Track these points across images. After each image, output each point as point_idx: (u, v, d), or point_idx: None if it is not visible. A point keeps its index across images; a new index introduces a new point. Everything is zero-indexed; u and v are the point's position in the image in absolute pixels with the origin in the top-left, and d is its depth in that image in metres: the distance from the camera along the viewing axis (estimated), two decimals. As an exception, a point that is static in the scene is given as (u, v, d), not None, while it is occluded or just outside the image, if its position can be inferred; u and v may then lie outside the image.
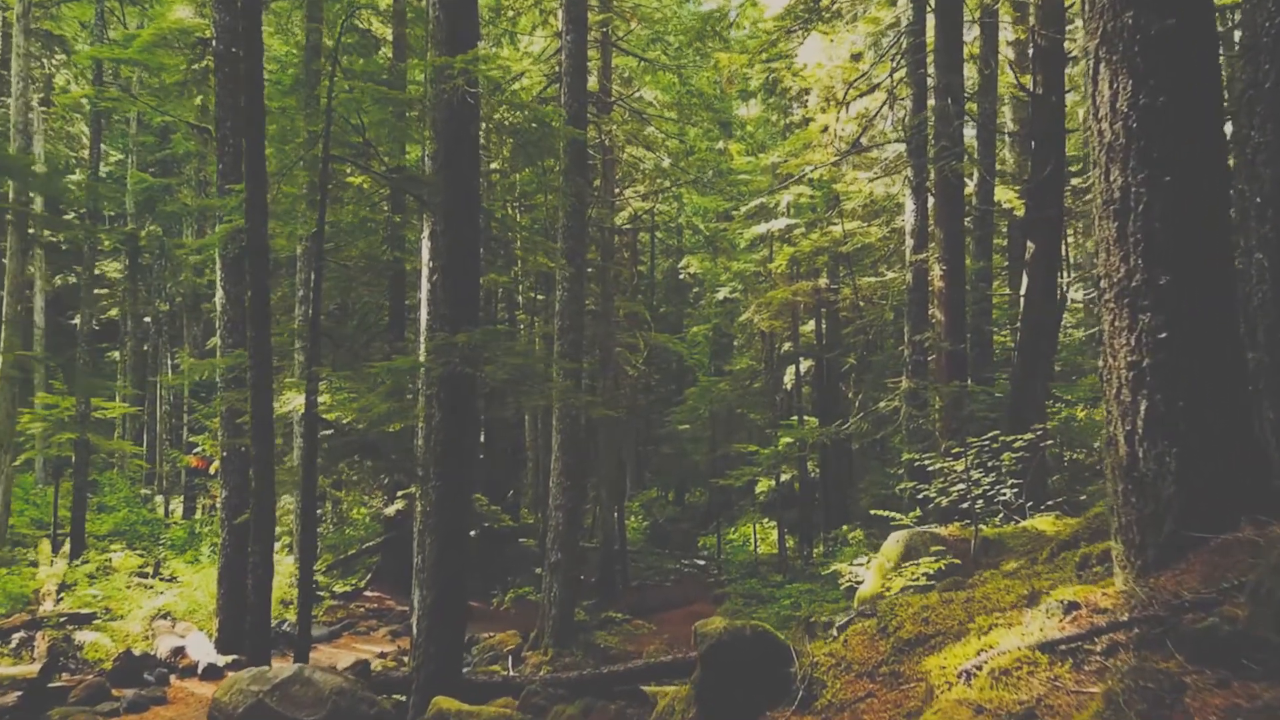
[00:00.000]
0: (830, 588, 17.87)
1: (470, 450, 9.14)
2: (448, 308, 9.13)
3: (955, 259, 14.59)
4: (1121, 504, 4.42)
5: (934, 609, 5.68)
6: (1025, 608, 4.85)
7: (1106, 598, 4.20)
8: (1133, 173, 4.37)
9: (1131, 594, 4.06)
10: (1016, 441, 10.79)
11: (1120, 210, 4.42)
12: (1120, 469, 4.42)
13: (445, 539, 9.01)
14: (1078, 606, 4.24)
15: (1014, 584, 5.70)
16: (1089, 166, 23.40)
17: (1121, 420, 4.41)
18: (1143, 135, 4.34)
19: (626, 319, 28.12)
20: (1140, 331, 4.32)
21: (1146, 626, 3.74)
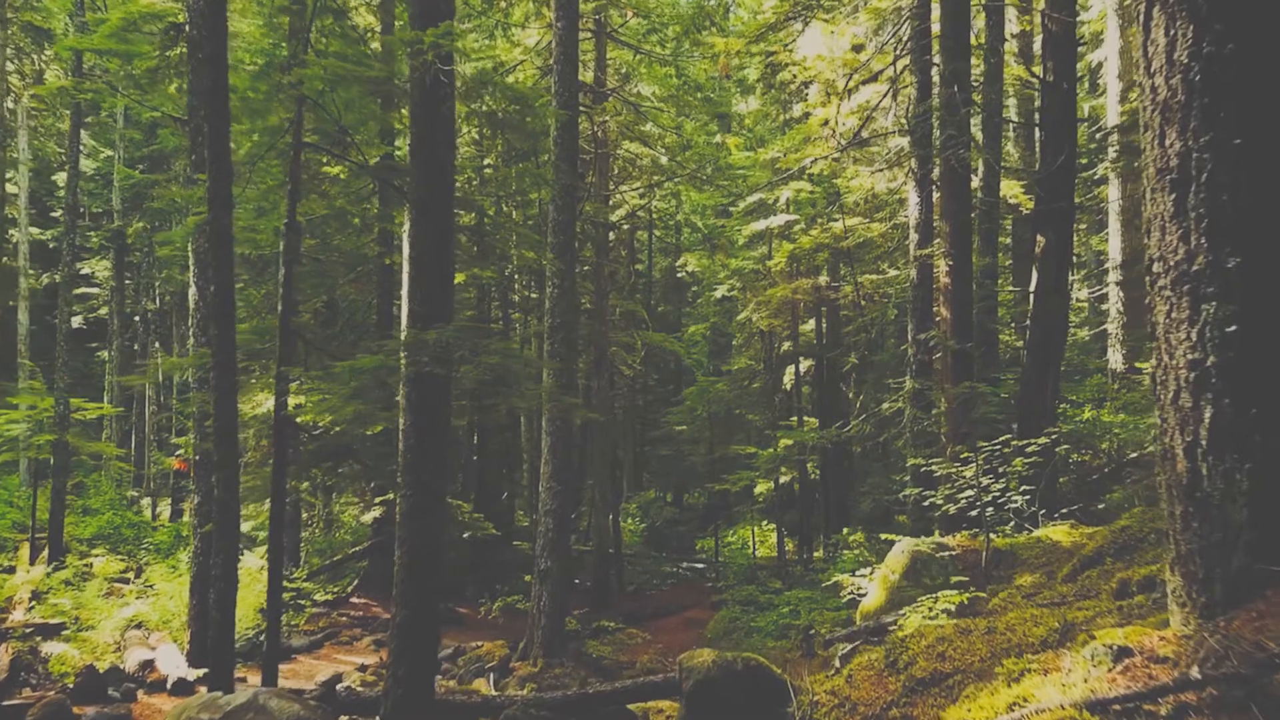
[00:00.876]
0: (830, 595, 17.15)
1: (445, 457, 8.41)
2: (419, 303, 8.41)
3: (962, 253, 13.86)
4: (1180, 529, 3.69)
5: (951, 641, 4.95)
6: (1061, 647, 4.12)
7: (1165, 643, 3.47)
8: (1194, 135, 3.64)
9: (1199, 641, 3.33)
10: (1030, 446, 10.07)
11: (1178, 180, 3.69)
12: (1179, 488, 3.69)
13: (416, 552, 8.29)
14: (1130, 653, 3.51)
15: (1042, 614, 4.97)
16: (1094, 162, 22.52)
17: (1180, 430, 3.68)
18: (1206, 90, 3.61)
19: (623, 318, 27.41)
20: (1204, 324, 3.59)
21: (1225, 686, 3.01)
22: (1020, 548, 9.98)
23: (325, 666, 14.31)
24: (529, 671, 14.77)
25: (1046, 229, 13.58)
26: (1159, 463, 3.89)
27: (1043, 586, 7.80)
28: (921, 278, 14.67)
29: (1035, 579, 8.88)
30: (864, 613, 10.49)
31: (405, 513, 8.41)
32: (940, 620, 4.66)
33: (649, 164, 23.21)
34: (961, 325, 13.78)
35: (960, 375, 13.50)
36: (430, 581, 8.39)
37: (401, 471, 8.49)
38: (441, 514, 8.44)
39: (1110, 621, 4.20)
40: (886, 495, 18.47)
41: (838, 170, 21.55)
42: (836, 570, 18.23)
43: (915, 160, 14.84)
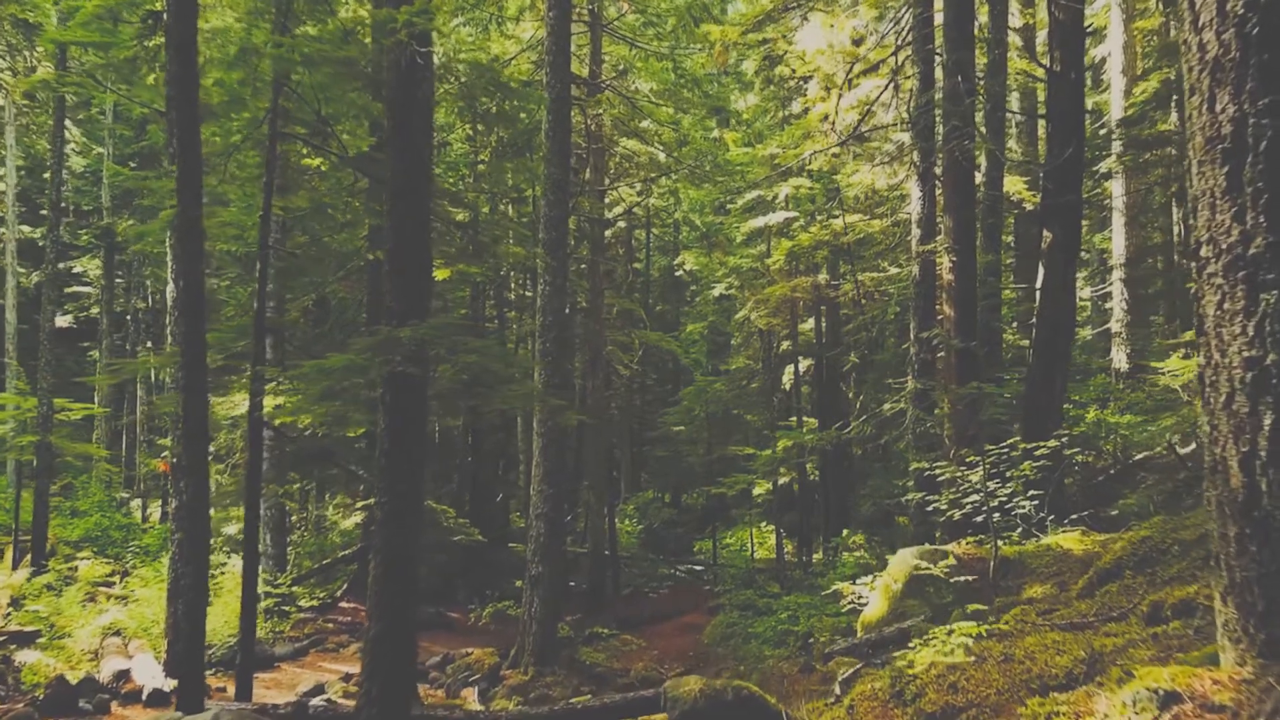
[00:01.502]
0: (830, 601, 16.63)
1: (421, 460, 7.90)
2: (394, 298, 7.89)
3: (966, 249, 13.34)
4: (1234, 553, 3.18)
5: (963, 671, 4.43)
6: (1091, 683, 3.61)
7: (1220, 688, 2.96)
8: (1250, 98, 3.13)
9: (1264, 688, 2.82)
10: (1039, 449, 9.55)
11: (1231, 150, 3.18)
12: (1232, 506, 3.17)
13: (391, 561, 7.78)
14: (1179, 699, 3.00)
15: (1064, 640, 4.46)
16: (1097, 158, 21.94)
17: (1234, 439, 3.16)
18: (1265, 45, 3.10)
19: (619, 317, 26.89)
20: (1262, 316, 3.07)
21: (1302, 749, 2.50)
22: (1029, 556, 9.46)
23: (308, 675, 13.80)
24: (519, 680, 14.25)
25: (1053, 223, 13.06)
26: (1208, 476, 3.38)
27: (1056, 601, 7.28)
28: (924, 274, 14.15)
29: (1046, 590, 8.37)
30: (865, 623, 9.98)
31: (379, 520, 7.90)
32: (957, 656, 4.13)
33: (646, 161, 22.70)
34: (966, 323, 13.27)
35: (965, 375, 12.98)
36: (406, 592, 7.88)
37: (376, 476, 7.98)
38: (418, 521, 7.93)
39: (1146, 654, 3.69)
40: (888, 499, 17.93)
41: (837, 166, 21.05)
42: (836, 575, 17.71)
43: (917, 153, 14.32)
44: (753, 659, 16.00)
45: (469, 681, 13.84)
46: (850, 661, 8.33)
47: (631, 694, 9.34)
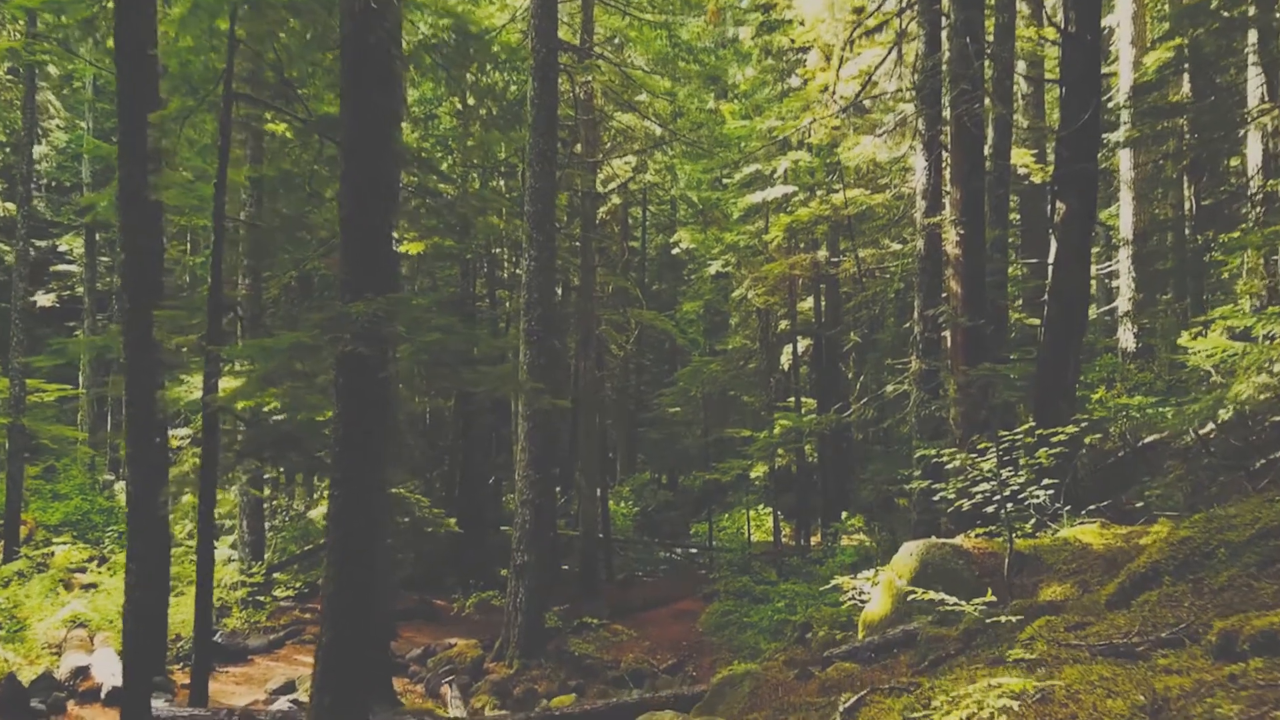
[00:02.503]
0: (829, 589, 15.87)
1: (380, 449, 7.09)
2: (347, 270, 7.05)
3: (974, 221, 12.48)
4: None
5: (991, 713, 3.62)
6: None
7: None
8: None
9: None
10: (1056, 435, 8.73)
11: None
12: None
13: (346, 561, 6.98)
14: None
15: (1114, 676, 3.64)
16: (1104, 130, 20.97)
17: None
18: None
19: (614, 296, 26.03)
20: None
21: None
22: (1045, 551, 8.66)
23: (282, 670, 13.06)
24: (504, 675, 13.53)
25: (1068, 194, 12.17)
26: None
27: (1082, 608, 6.47)
28: (929, 249, 13.29)
29: (1067, 591, 7.57)
30: (867, 622, 9.18)
31: (332, 515, 7.10)
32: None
33: (641, 134, 21.77)
34: (973, 300, 12.42)
35: (972, 355, 12.15)
36: (363, 595, 7.08)
37: (331, 466, 7.18)
38: (377, 516, 7.13)
39: (1232, 710, 2.87)
40: (889, 484, 17.14)
41: (838, 139, 20.12)
42: (835, 563, 16.95)
43: (923, 121, 13.42)
44: (748, 650, 15.25)
45: (451, 676, 13.08)
46: (851, 669, 7.54)
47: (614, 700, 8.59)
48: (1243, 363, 8.73)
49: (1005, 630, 6.91)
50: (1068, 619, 5.59)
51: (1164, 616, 4.88)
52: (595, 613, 17.35)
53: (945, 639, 7.36)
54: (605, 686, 13.74)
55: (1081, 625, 5.27)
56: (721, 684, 7.93)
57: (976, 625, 7.20)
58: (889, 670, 7.51)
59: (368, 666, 7.24)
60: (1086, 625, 5.24)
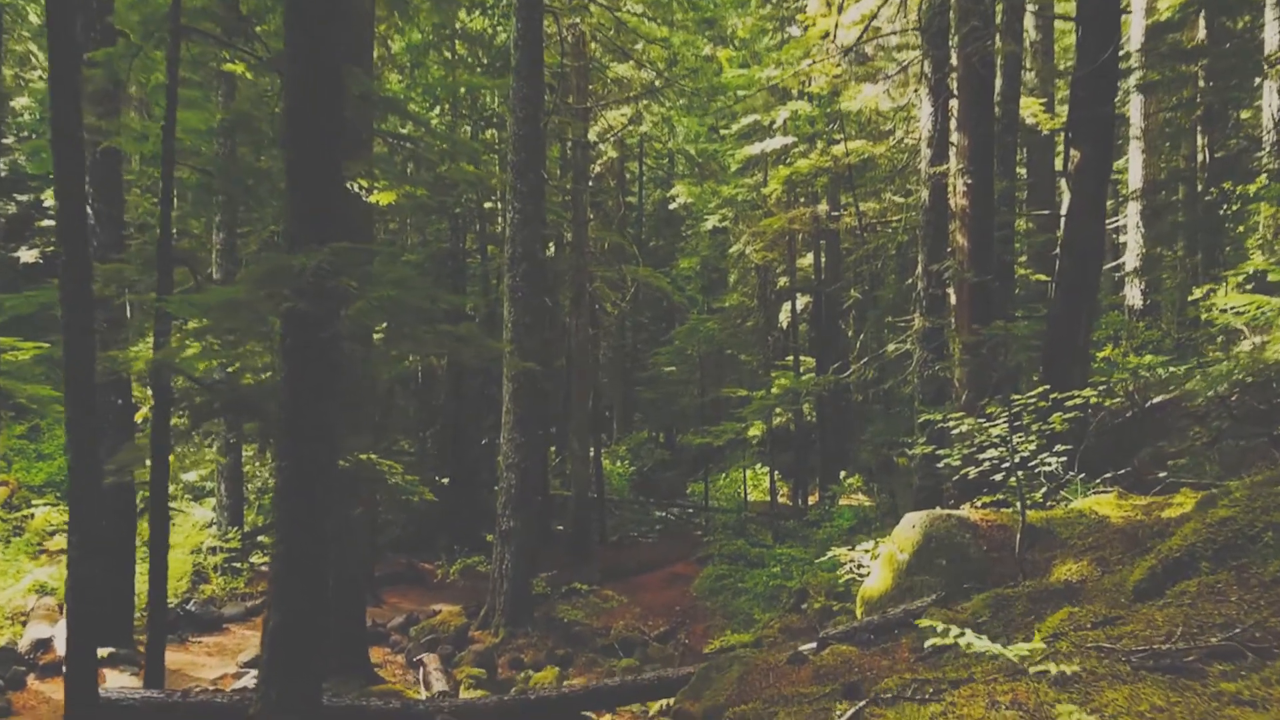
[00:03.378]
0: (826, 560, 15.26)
1: (334, 417, 6.37)
2: (295, 220, 6.29)
3: (982, 170, 11.67)
4: None
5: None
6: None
7: None
8: None
9: None
10: (1071, 399, 8.02)
11: None
12: None
13: (295, 541, 6.29)
14: None
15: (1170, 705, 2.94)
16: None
17: None
18: None
19: (610, 252, 25.19)
20: None
21: None
22: (1058, 523, 7.97)
23: (257, 639, 12.40)
24: (489, 643, 12.95)
25: (1083, 140, 11.34)
26: None
27: (1108, 596, 5.78)
28: (934, 200, 12.49)
29: (1084, 570, 6.89)
30: (866, 598, 8.53)
31: (280, 489, 6.40)
32: None
33: (637, 86, 20.81)
34: (981, 254, 11.66)
35: (979, 312, 11.41)
36: (315, 576, 6.41)
37: (278, 435, 6.48)
38: (329, 491, 6.43)
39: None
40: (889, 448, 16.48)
41: (839, 87, 19.19)
42: (832, 526, 16.33)
43: (929, 62, 12.55)
44: (742, 616, 14.69)
45: (435, 645, 12.49)
46: (848, 653, 6.88)
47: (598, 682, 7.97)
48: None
49: (1019, 616, 6.24)
50: (1093, 611, 4.90)
51: (1209, 614, 4.18)
52: (586, 577, 16.78)
53: (951, 622, 6.67)
54: (594, 655, 13.18)
55: (1111, 621, 4.57)
56: (708, 668, 7.28)
57: (986, 610, 6.53)
58: (889, 656, 6.85)
59: (319, 655, 6.57)
60: (1117, 621, 4.54)
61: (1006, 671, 4.77)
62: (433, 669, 11.36)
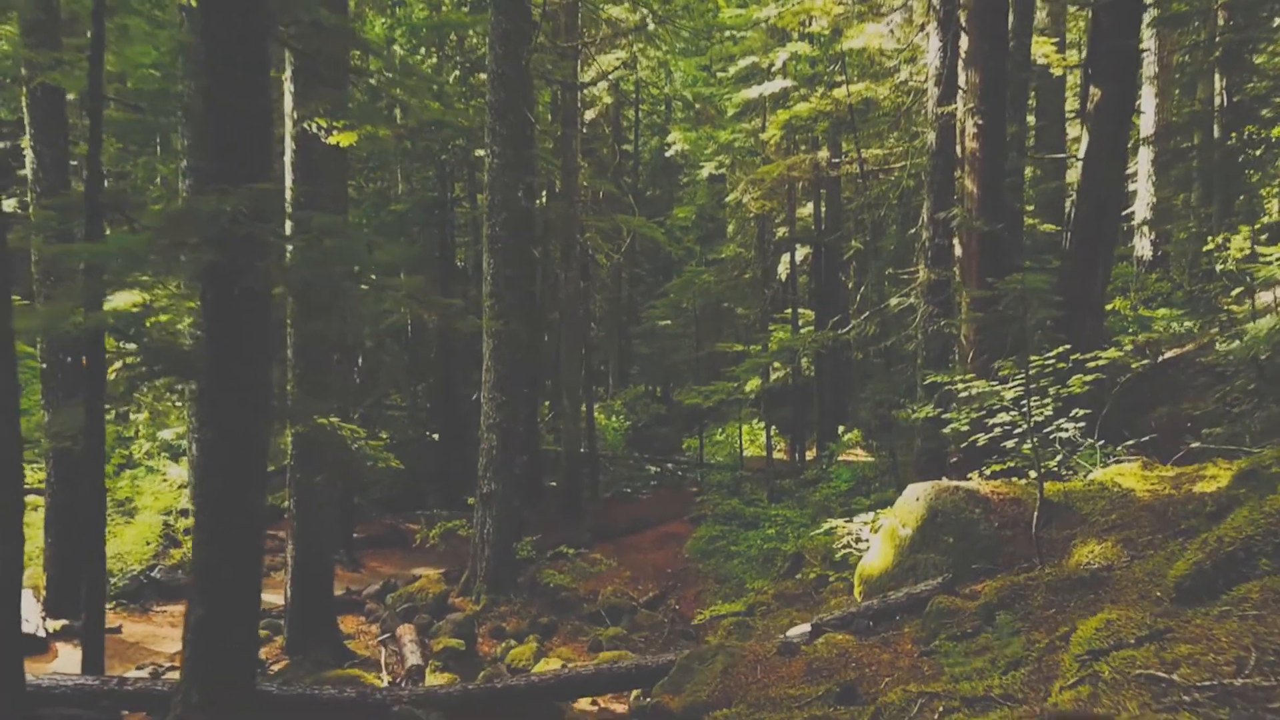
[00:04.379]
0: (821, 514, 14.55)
1: (263, 384, 5.55)
2: (209, 156, 5.42)
3: (994, 109, 10.70)
4: None
5: None
6: None
7: None
8: None
9: None
10: (1094, 359, 7.18)
11: None
12: None
13: (219, 522, 5.51)
14: None
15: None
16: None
17: None
18: None
19: (606, 201, 24.19)
20: None
21: None
22: (1077, 497, 7.18)
23: (226, 609, 11.77)
24: (470, 611, 12.27)
25: (1104, 77, 10.38)
26: None
27: (1142, 590, 5.00)
28: (941, 143, 11.53)
29: (1109, 553, 6.09)
30: (865, 576, 7.77)
31: (201, 464, 5.62)
32: None
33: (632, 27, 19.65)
34: (991, 201, 10.74)
35: (989, 264, 10.53)
36: (243, 565, 5.64)
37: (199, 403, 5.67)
38: (257, 467, 5.63)
39: None
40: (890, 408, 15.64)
41: (840, 26, 18.06)
42: (829, 488, 15.59)
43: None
44: (735, 581, 14.00)
45: (412, 614, 11.81)
46: (844, 644, 6.13)
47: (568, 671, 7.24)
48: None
49: (1038, 609, 5.46)
50: (1135, 619, 4.09)
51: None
52: (575, 537, 16.08)
53: (959, 613, 5.91)
54: (579, 623, 12.51)
55: (1159, 635, 3.77)
56: (690, 657, 6.54)
57: (1000, 600, 5.75)
58: (890, 648, 6.09)
59: (250, 650, 5.82)
60: (1167, 635, 3.74)
61: (1032, 686, 3.99)
62: (407, 641, 10.67)
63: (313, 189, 9.92)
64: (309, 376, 9.42)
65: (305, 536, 9.87)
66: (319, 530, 9.99)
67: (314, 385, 9.38)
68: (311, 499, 9.88)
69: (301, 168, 9.66)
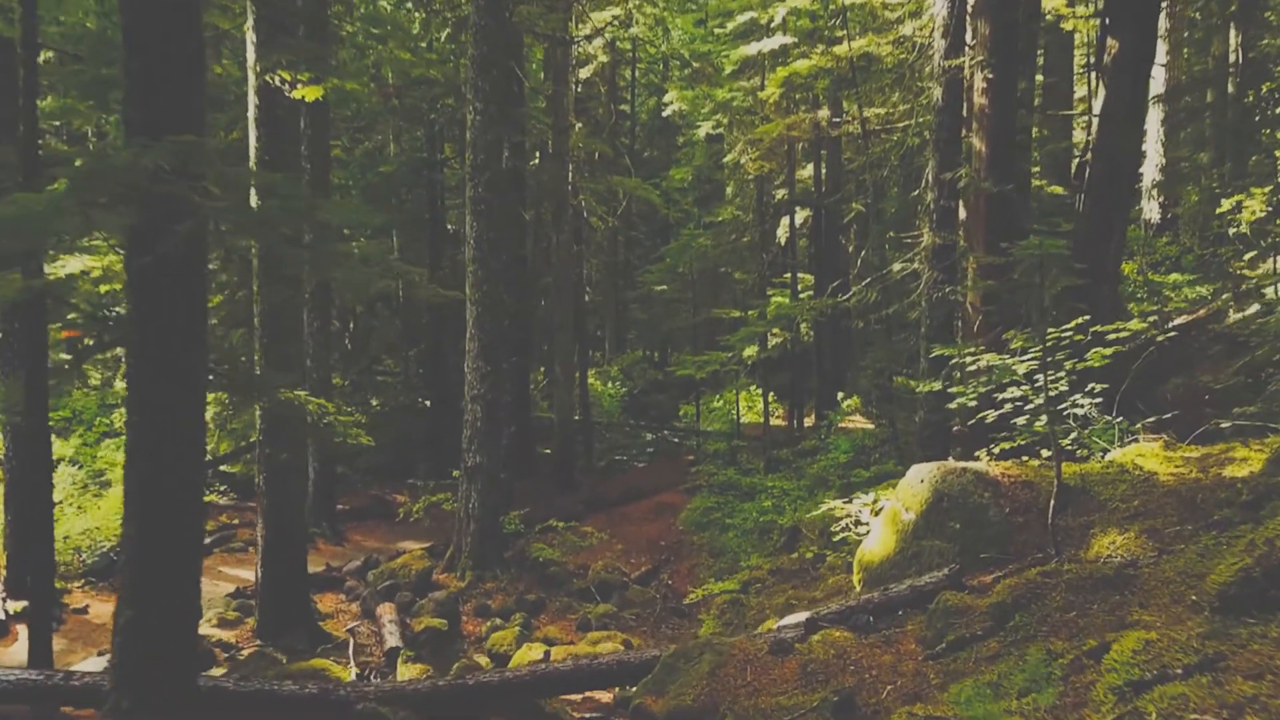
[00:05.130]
0: (819, 487, 14.02)
1: (196, 356, 4.95)
2: (136, 105, 4.77)
3: (1005, 62, 9.98)
4: None
5: None
6: None
7: None
8: None
9: None
10: (1116, 331, 6.57)
11: None
12: None
13: (150, 514, 4.94)
14: None
15: None
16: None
17: None
18: None
19: (602, 162, 23.43)
20: None
21: None
22: (1094, 480, 6.59)
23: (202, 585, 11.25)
24: (455, 588, 11.77)
25: (1122, 25, 9.66)
26: None
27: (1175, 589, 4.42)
28: (948, 99, 10.80)
29: (1132, 545, 5.52)
30: (864, 563, 7.21)
31: (129, 449, 5.02)
32: None
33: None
34: (1000, 160, 10.07)
35: (997, 227, 9.88)
36: (176, 563, 5.07)
37: (127, 380, 5.09)
38: (188, 452, 5.04)
39: None
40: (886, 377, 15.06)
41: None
42: (828, 459, 15.04)
43: (947, -63, 10.73)
44: (730, 555, 13.49)
45: (393, 592, 11.30)
46: (842, 642, 5.58)
47: (545, 666, 6.71)
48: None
49: (1057, 612, 4.88)
50: (1175, 639, 3.52)
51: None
52: (568, 508, 15.59)
53: (970, 611, 5.34)
54: (569, 599, 12.02)
55: (1212, 663, 3.20)
56: (675, 656, 5.99)
57: (1014, 600, 5.18)
58: (892, 648, 5.54)
59: (190, 651, 5.27)
60: (1220, 664, 3.17)
61: (1059, 717, 3.42)
62: (387, 621, 10.17)
63: (282, 147, 9.27)
64: (275, 347, 8.82)
65: (276, 514, 9.32)
66: (290, 507, 9.44)
67: (280, 357, 8.78)
68: (282, 474, 9.32)
69: (266, 124, 8.98)
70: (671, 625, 11.40)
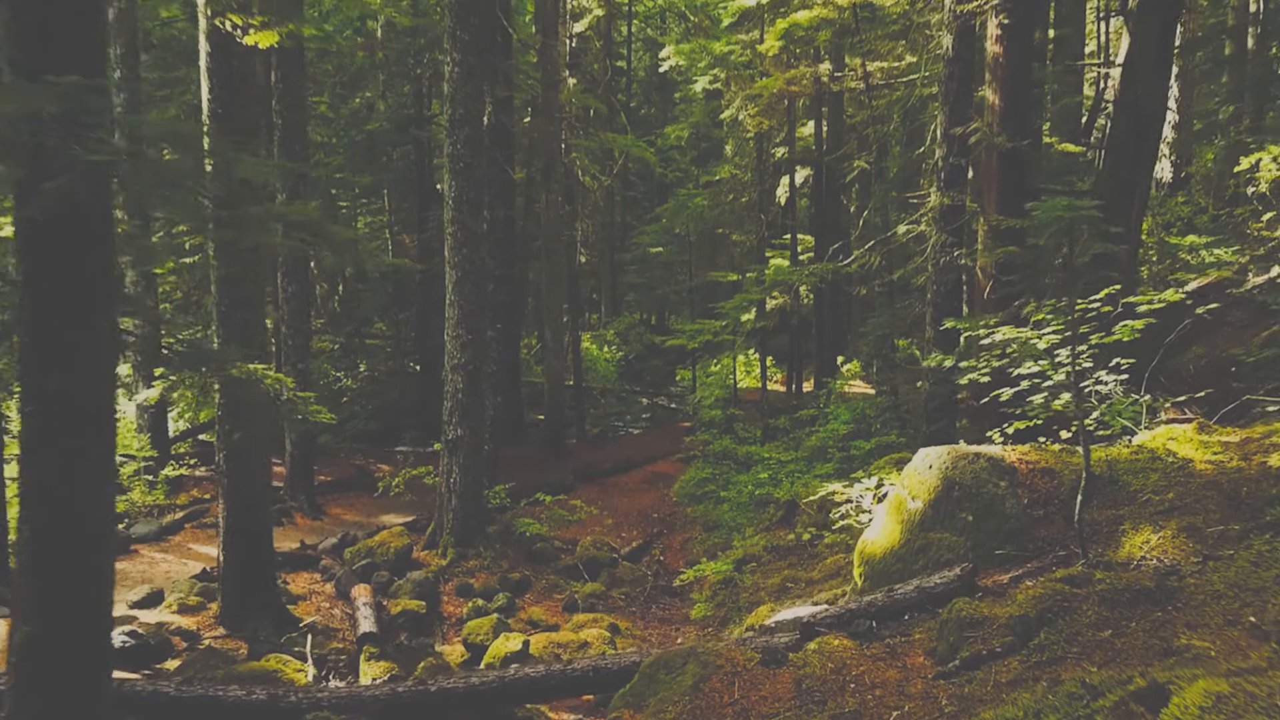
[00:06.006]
0: (818, 460, 13.38)
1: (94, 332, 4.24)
2: (13, 41, 4.02)
3: (1021, 8, 9.16)
4: None
5: None
6: None
7: None
8: None
9: None
10: (1147, 301, 5.86)
11: None
12: None
13: (48, 517, 4.26)
14: None
15: None
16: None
17: None
18: None
19: (596, 119, 22.57)
20: None
21: None
22: (1123, 468, 5.91)
23: (167, 565, 10.69)
24: (436, 567, 11.17)
25: (1152, -34, 8.84)
26: None
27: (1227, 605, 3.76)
28: (959, 48, 9.98)
29: (1169, 545, 4.86)
30: (866, 555, 6.55)
31: (24, 444, 4.33)
32: None
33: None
34: (1016, 114, 9.30)
35: (1010, 186, 9.14)
36: (80, 570, 4.40)
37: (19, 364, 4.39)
38: (94, 447, 4.36)
39: None
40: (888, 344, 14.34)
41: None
42: (827, 430, 14.37)
43: None
44: (724, 529, 12.88)
45: (369, 572, 10.70)
46: (841, 652, 4.94)
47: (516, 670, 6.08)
48: None
49: (1088, 629, 4.22)
50: (1254, 693, 2.86)
51: None
52: (557, 479, 14.98)
53: (987, 623, 4.68)
54: (555, 578, 11.44)
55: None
56: (656, 665, 5.36)
57: (1039, 611, 4.53)
58: (898, 661, 4.89)
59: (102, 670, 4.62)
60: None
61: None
62: (362, 604, 9.57)
63: (239, 100, 8.48)
64: (232, 318, 8.11)
65: (238, 493, 8.68)
66: (254, 485, 8.79)
67: (237, 329, 8.08)
68: (244, 451, 8.65)
69: (220, 74, 8.20)
70: (662, 605, 10.82)
